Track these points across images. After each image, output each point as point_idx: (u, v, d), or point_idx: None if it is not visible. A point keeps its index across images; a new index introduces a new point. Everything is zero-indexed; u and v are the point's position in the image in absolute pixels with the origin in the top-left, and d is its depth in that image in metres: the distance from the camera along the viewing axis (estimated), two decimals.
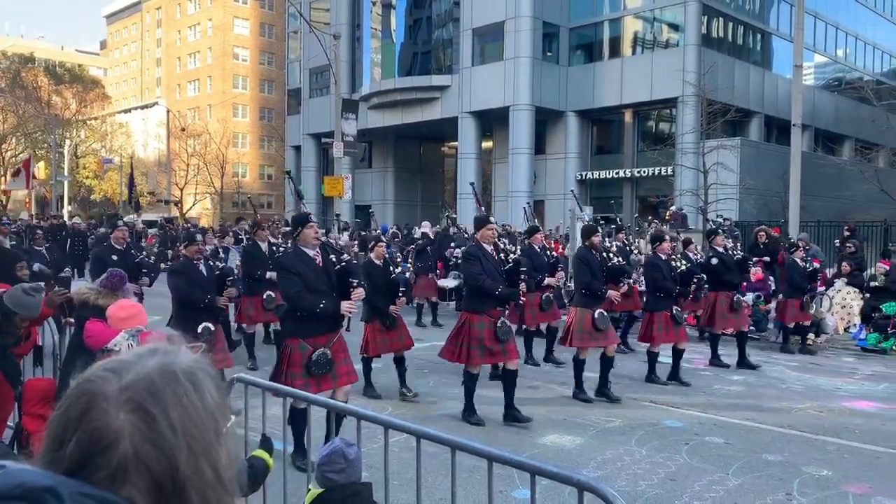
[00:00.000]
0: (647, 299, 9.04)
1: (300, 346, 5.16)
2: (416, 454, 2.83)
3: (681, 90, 25.72)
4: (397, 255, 12.43)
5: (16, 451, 4.36)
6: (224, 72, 61.12)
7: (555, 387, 8.21)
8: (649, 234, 14.53)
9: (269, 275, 8.98)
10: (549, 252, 10.42)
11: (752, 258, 11.62)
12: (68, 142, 48.61)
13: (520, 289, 6.62)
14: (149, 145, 58.00)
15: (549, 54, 31.31)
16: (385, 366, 7.81)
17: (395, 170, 39.30)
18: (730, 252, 9.86)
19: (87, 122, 56.08)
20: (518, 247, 9.73)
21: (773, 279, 12.85)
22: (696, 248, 11.35)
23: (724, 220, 14.87)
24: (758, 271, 12.61)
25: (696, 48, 27.93)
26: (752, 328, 11.20)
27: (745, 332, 9.83)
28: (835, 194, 26.57)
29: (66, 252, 16.16)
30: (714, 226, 11.44)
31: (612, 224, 12.93)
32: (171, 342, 0.89)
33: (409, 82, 33.70)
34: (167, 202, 44.11)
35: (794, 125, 17.01)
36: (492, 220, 6.95)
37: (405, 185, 39.51)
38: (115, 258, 8.11)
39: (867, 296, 12.21)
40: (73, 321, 5.10)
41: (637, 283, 10.49)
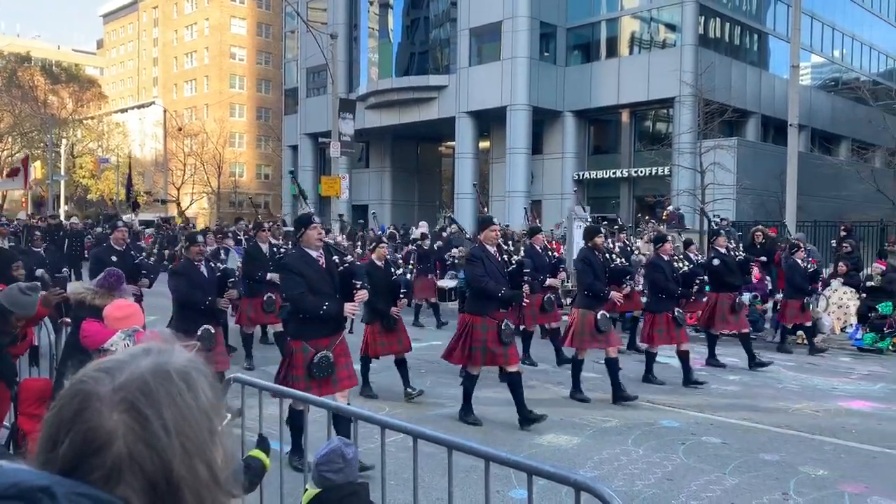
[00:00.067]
0: (649, 300, 8.97)
1: (303, 349, 5.14)
2: (413, 454, 2.82)
3: (678, 90, 25.71)
4: (398, 256, 12.45)
5: (12, 450, 4.36)
6: (221, 71, 61.01)
7: (551, 387, 8.21)
8: (647, 234, 14.55)
9: (269, 276, 8.96)
10: (550, 253, 10.43)
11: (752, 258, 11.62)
12: (65, 141, 48.53)
13: (523, 290, 6.58)
14: (145, 145, 57.85)
15: (546, 54, 31.29)
16: (383, 367, 7.80)
17: (393, 170, 39.26)
18: (731, 253, 9.84)
19: (84, 121, 55.92)
20: (514, 247, 9.71)
21: (769, 279, 12.87)
22: (696, 249, 11.33)
23: (721, 220, 14.89)
24: (755, 271, 12.62)
25: (693, 48, 27.93)
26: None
27: (747, 333, 9.75)
28: (831, 194, 26.60)
29: (63, 252, 16.11)
30: (716, 226, 11.41)
31: (615, 224, 12.91)
32: (165, 342, 0.89)
33: (406, 82, 33.66)
34: (164, 202, 44.03)
35: (790, 125, 17.06)
36: (495, 222, 6.89)
37: (402, 184, 39.46)
38: (114, 259, 8.03)
39: (863, 296, 12.23)
40: (69, 321, 5.10)
41: (633, 283, 10.45)
